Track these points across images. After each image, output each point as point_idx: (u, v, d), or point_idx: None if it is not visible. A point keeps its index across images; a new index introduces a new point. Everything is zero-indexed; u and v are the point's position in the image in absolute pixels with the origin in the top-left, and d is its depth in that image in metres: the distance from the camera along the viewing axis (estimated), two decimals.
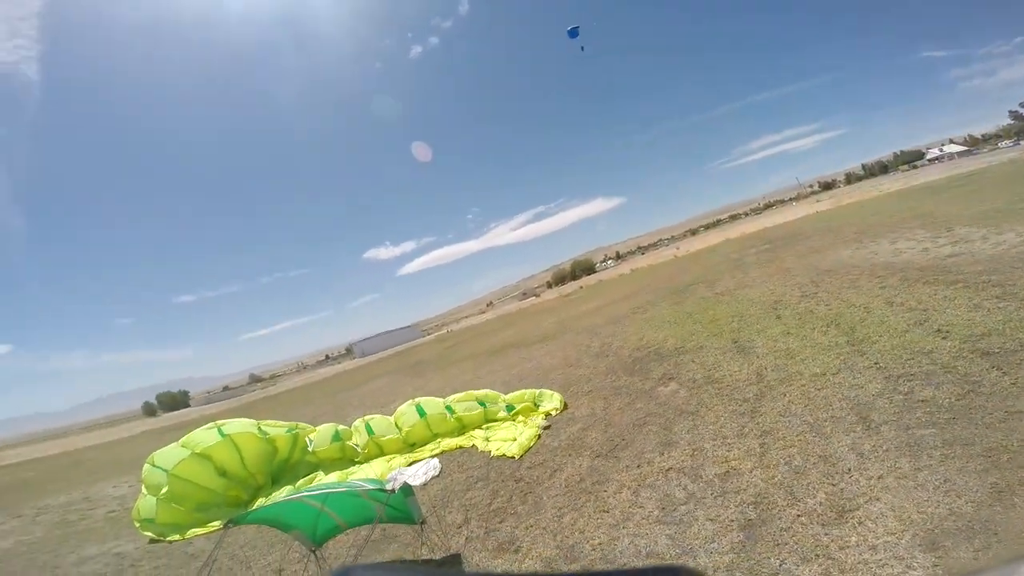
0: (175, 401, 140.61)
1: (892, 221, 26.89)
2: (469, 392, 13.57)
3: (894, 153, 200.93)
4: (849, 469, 6.16)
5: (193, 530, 10.70)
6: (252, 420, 12.83)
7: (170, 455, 11.42)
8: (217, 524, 10.42)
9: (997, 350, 8.13)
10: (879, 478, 5.80)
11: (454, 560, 7.11)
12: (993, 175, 42.25)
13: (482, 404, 13.13)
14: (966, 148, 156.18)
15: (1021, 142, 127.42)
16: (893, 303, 12.22)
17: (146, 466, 11.50)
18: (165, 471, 11.06)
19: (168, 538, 10.67)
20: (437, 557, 7.30)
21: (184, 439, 11.80)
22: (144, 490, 11.37)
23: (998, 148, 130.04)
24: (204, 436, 11.79)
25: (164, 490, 10.94)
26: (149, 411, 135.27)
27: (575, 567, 6.10)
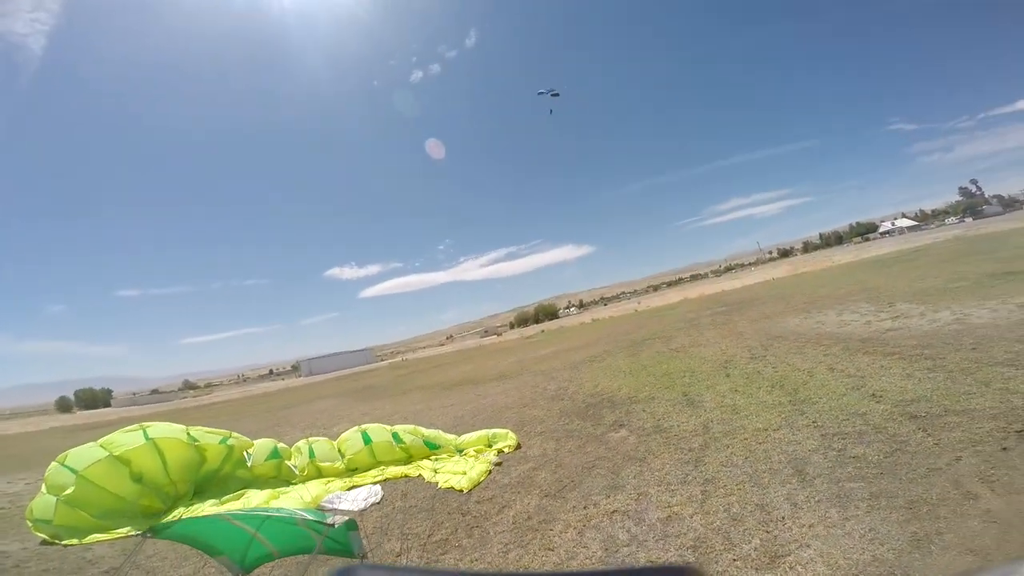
0: (95, 399, 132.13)
1: (840, 293, 28.26)
2: (417, 428, 13.27)
3: (850, 224, 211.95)
4: (783, 517, 6.41)
5: (95, 535, 9.89)
6: (182, 426, 12.19)
7: (84, 455, 10.69)
8: (123, 531, 9.80)
9: (924, 414, 8.70)
10: (810, 526, 6.05)
11: None
12: (937, 252, 44.99)
13: (430, 446, 12.85)
14: (916, 223, 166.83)
15: (966, 219, 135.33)
16: (834, 369, 12.89)
17: (53, 464, 10.68)
18: (74, 471, 10.32)
19: (63, 541, 9.85)
20: None
21: (104, 440, 11.10)
22: (44, 488, 10.52)
23: (944, 224, 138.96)
24: (126, 438, 11.13)
25: (68, 491, 10.17)
26: (63, 406, 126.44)
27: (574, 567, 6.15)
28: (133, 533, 9.68)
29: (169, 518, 7.19)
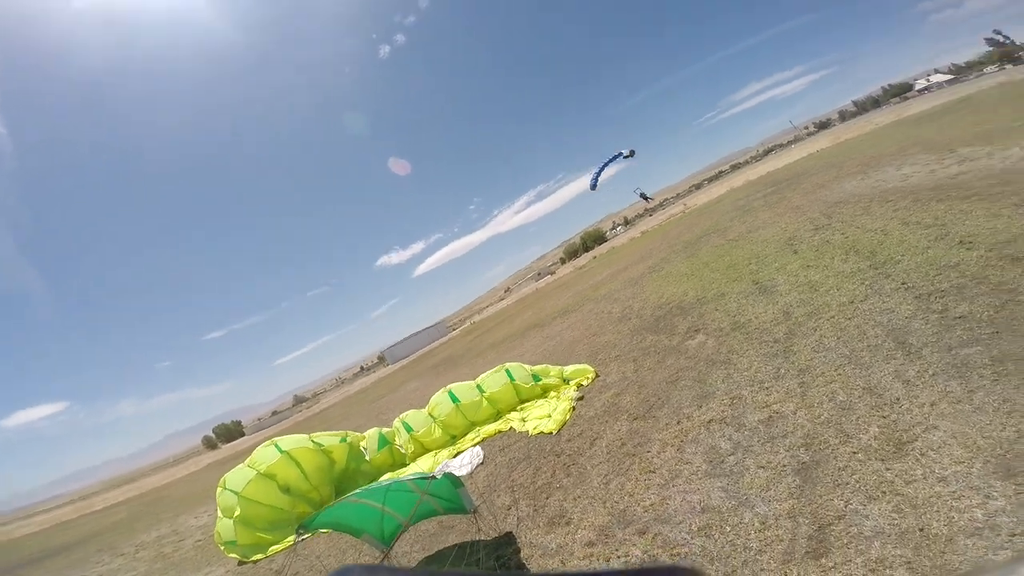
0: (230, 432, 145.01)
1: (893, 150, 25.70)
2: (497, 368, 13.18)
3: (883, 87, 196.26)
4: (898, 398, 5.65)
5: (273, 548, 10.67)
6: (304, 435, 12.67)
7: (239, 477, 11.35)
8: (291, 539, 10.34)
9: None
10: (932, 405, 5.28)
11: (508, 539, 6.83)
12: (985, 99, 40.44)
13: (509, 375, 12.76)
14: (953, 76, 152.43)
15: (1006, 66, 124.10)
16: (909, 223, 11.52)
17: (219, 489, 11.45)
18: (236, 493, 11.01)
19: (252, 558, 10.65)
20: (490, 539, 7.03)
21: (249, 459, 11.74)
22: (220, 513, 11.34)
23: (984, 74, 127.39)
24: (265, 454, 11.68)
25: (237, 512, 10.89)
26: (210, 444, 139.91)
27: (572, 567, 5.70)
28: (295, 539, 10.40)
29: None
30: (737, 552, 4.53)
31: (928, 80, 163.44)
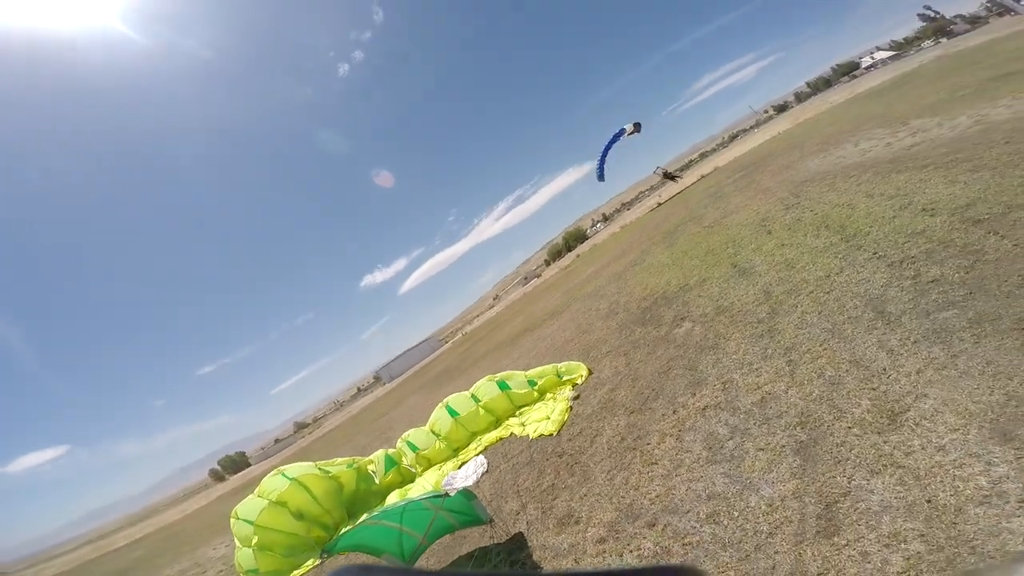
0: (236, 463, 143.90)
1: (850, 127, 26.29)
2: (488, 377, 13.19)
3: (831, 67, 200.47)
4: (884, 368, 5.75)
5: (295, 573, 10.57)
6: (310, 462, 12.57)
7: (250, 507, 11.22)
8: (312, 562, 10.35)
9: (987, 216, 7.79)
10: (918, 373, 5.37)
11: (520, 543, 6.86)
12: (928, 72, 41.71)
13: (502, 386, 12.79)
14: (895, 52, 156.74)
15: (941, 40, 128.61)
16: (873, 195, 11.81)
17: (232, 520, 11.29)
18: (250, 523, 10.89)
19: None
20: (503, 542, 7.09)
21: (258, 488, 11.60)
22: (238, 543, 11.16)
23: (922, 49, 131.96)
24: (273, 483, 11.56)
25: (255, 541, 10.75)
26: (217, 476, 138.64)
27: (586, 565, 5.75)
28: (317, 562, 10.41)
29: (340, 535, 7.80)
30: (748, 537, 4.56)
31: (872, 58, 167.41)
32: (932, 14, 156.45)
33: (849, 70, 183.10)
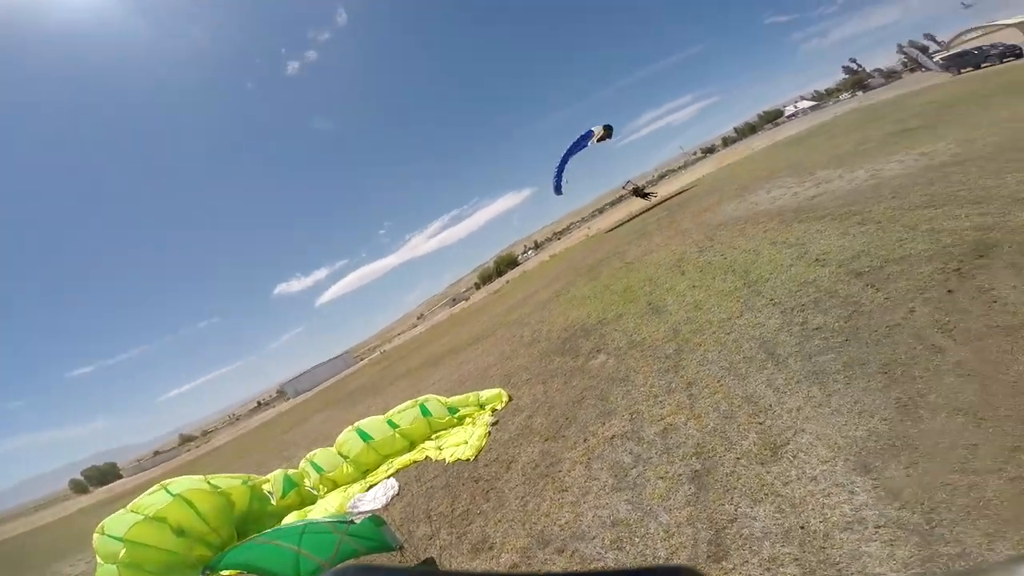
0: (104, 474, 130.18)
1: (765, 174, 28.15)
2: (410, 401, 12.94)
3: (758, 114, 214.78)
4: (770, 405, 6.24)
5: None
6: (199, 476, 11.54)
7: (120, 521, 10.03)
8: None
9: (867, 269, 8.58)
10: (798, 409, 5.89)
11: (428, 563, 6.81)
12: (841, 123, 45.31)
13: (424, 412, 12.55)
14: (815, 103, 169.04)
15: (857, 93, 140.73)
16: (776, 243, 12.73)
17: (96, 536, 9.99)
18: (119, 538, 9.74)
19: None
20: (412, 567, 6.97)
21: (132, 504, 10.39)
22: (99, 560, 9.92)
23: (839, 100, 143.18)
24: (153, 499, 10.44)
25: (122, 554, 9.63)
26: (79, 488, 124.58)
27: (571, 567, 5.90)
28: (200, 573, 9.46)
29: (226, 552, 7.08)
30: (648, 562, 4.80)
31: (796, 107, 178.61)
32: (856, 67, 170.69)
33: (773, 117, 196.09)
